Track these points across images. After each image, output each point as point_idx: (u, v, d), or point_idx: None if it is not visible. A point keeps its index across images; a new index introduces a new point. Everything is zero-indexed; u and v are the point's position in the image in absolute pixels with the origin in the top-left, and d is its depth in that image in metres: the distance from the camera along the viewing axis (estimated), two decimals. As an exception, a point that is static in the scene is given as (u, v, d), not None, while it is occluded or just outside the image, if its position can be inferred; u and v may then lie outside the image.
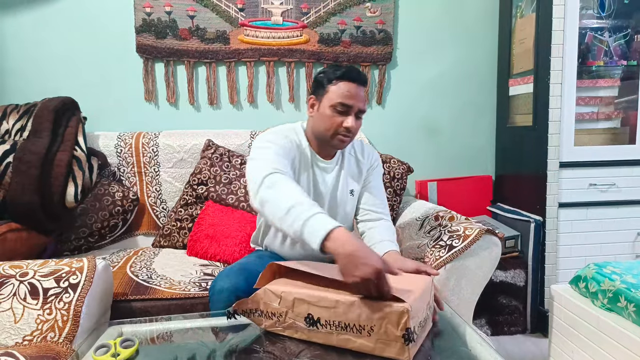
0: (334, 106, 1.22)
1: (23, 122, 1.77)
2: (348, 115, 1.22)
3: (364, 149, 1.44)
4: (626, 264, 1.43)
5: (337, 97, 1.21)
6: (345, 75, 1.22)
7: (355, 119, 1.25)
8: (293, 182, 1.07)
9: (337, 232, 0.91)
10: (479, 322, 1.95)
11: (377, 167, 1.44)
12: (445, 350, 0.93)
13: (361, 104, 1.24)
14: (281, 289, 0.93)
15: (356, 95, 1.22)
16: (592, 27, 2.03)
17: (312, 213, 0.96)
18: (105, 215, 1.82)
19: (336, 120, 1.22)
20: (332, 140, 1.26)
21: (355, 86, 1.22)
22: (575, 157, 1.93)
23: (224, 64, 2.17)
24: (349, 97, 1.21)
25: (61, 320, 1.07)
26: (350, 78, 1.22)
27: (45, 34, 2.06)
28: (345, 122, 1.22)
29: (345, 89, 1.21)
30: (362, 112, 1.27)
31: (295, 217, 0.97)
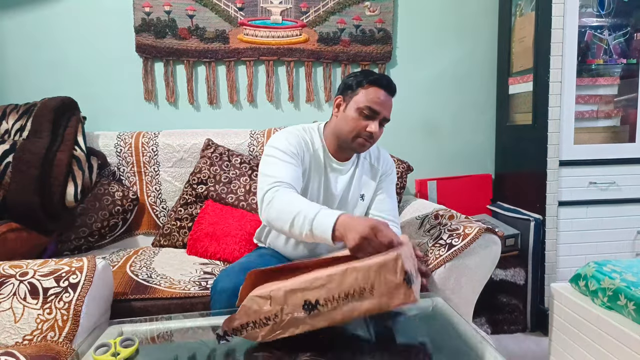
0: (361, 109, 1.23)
1: (23, 122, 1.77)
2: (373, 120, 1.23)
3: (380, 155, 1.45)
4: (626, 262, 1.43)
5: (366, 101, 1.22)
6: (378, 81, 1.23)
7: (381, 125, 1.26)
8: (289, 191, 1.12)
9: (340, 220, 0.99)
10: (479, 320, 1.95)
11: (390, 174, 1.44)
12: (445, 349, 0.93)
13: (387, 113, 1.25)
14: (268, 290, 0.90)
15: (384, 103, 1.23)
16: (592, 26, 2.03)
17: (314, 214, 1.02)
18: (105, 214, 1.82)
19: (361, 124, 1.23)
20: (353, 143, 1.27)
21: (385, 94, 1.23)
22: (575, 156, 1.93)
23: (223, 64, 2.17)
24: (377, 103, 1.22)
25: (61, 320, 1.07)
26: (381, 85, 1.23)
27: (45, 34, 2.06)
28: (370, 126, 1.23)
29: (375, 94, 1.22)
30: (386, 121, 1.27)
31: (301, 225, 1.04)
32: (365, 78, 1.23)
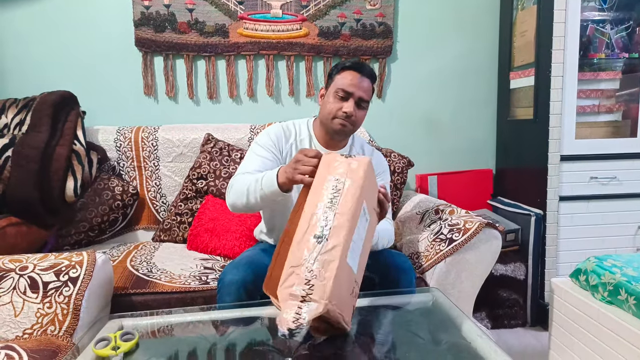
0: (336, 92, 1.30)
1: (22, 116, 1.77)
2: (346, 102, 1.29)
3: (373, 153, 1.49)
4: (627, 257, 1.43)
5: (340, 85, 1.30)
6: (351, 66, 1.30)
7: (358, 108, 1.30)
8: (244, 176, 1.22)
9: (280, 170, 1.11)
10: (479, 315, 1.95)
11: (383, 172, 1.46)
12: (445, 343, 0.93)
13: (362, 93, 1.30)
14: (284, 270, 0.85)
15: (358, 84, 1.29)
16: (594, 20, 2.01)
17: (261, 177, 1.15)
18: (105, 209, 1.82)
19: (336, 105, 1.30)
20: (332, 124, 1.32)
21: (359, 75, 1.29)
22: (576, 150, 1.92)
23: (223, 58, 2.16)
24: (349, 85, 1.28)
25: (61, 314, 1.07)
26: (353, 68, 1.30)
27: (44, 28, 2.05)
28: (345, 107, 1.28)
29: (348, 77, 1.29)
30: (364, 102, 1.31)
31: (254, 191, 1.16)
32: (341, 65, 1.32)
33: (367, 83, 1.31)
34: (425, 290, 1.36)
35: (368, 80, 1.32)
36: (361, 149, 1.47)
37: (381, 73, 2.27)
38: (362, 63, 1.32)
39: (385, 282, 1.24)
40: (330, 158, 0.98)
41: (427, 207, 1.74)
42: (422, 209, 1.76)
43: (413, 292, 1.24)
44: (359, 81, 1.29)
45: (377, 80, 2.26)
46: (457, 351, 0.91)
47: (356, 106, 1.30)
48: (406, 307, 1.15)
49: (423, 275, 1.51)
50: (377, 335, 0.94)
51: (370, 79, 1.33)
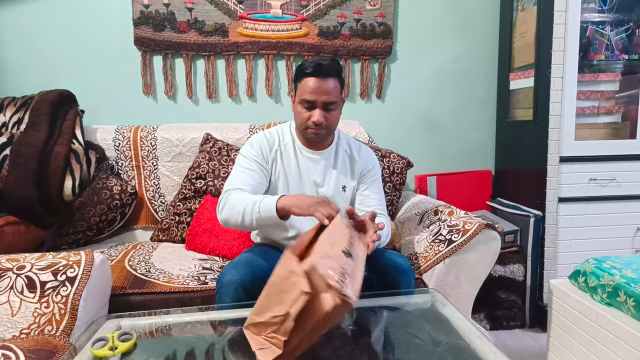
0: (301, 102, 1.27)
1: (20, 115, 1.76)
2: (314, 109, 1.26)
3: (360, 149, 1.46)
4: (626, 259, 1.42)
5: (302, 94, 1.26)
6: (307, 71, 1.24)
7: (326, 111, 1.27)
8: (238, 192, 1.24)
9: (283, 198, 1.14)
10: (477, 316, 1.95)
11: (373, 169, 1.44)
12: (444, 344, 0.93)
13: (325, 97, 1.25)
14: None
15: (318, 89, 1.24)
16: (594, 21, 2.01)
17: (260, 200, 1.17)
18: (104, 209, 1.81)
19: (304, 115, 1.28)
20: (306, 133, 1.32)
21: (318, 80, 1.24)
22: (576, 152, 1.92)
23: (222, 57, 2.16)
24: (309, 93, 1.25)
25: (59, 314, 1.07)
26: (312, 73, 1.24)
27: (43, 27, 2.04)
28: (312, 116, 1.26)
29: (306, 85, 1.25)
30: (332, 104, 1.28)
31: (250, 212, 1.18)
32: (300, 71, 1.27)
33: (331, 84, 1.25)
34: (424, 291, 1.36)
35: (332, 79, 1.26)
36: (347, 145, 1.45)
37: (381, 73, 2.26)
38: (321, 64, 1.24)
39: (385, 283, 1.24)
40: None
41: (426, 208, 1.74)
42: (421, 210, 1.75)
43: (412, 294, 1.24)
44: (320, 86, 1.24)
45: (377, 81, 2.27)
46: (456, 352, 0.91)
47: (325, 111, 1.27)
48: (405, 308, 1.15)
49: (422, 276, 1.51)
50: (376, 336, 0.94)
51: (334, 77, 1.27)
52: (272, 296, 0.83)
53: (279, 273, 0.84)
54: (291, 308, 0.78)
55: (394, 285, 1.23)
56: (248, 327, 0.85)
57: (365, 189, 1.42)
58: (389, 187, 1.94)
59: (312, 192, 1.37)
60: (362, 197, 1.41)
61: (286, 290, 0.80)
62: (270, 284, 0.85)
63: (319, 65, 1.24)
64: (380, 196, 1.44)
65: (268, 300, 0.84)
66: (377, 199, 1.42)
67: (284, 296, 0.80)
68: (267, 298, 0.84)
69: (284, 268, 0.84)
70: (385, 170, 1.94)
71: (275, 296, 0.82)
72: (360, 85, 2.26)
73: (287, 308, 0.78)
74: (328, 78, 1.25)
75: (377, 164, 1.48)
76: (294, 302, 0.78)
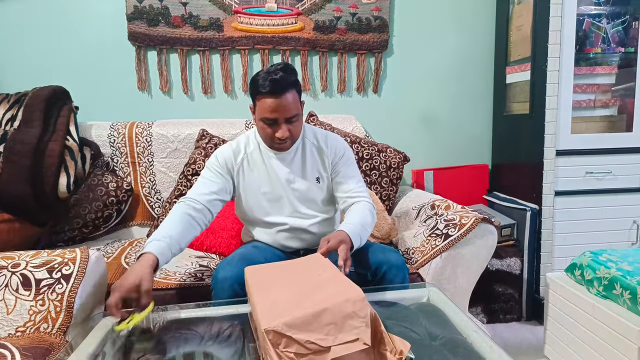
0: (262, 120, 1.25)
1: (13, 111, 1.75)
2: (277, 126, 1.25)
3: (327, 138, 1.43)
4: (622, 252, 1.43)
5: (262, 112, 1.24)
6: (265, 89, 1.20)
7: (289, 124, 1.25)
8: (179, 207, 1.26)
9: (143, 257, 1.09)
10: (474, 310, 1.96)
11: (343, 156, 1.41)
12: (441, 338, 0.93)
13: (287, 113, 1.23)
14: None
15: (278, 108, 1.21)
16: (590, 14, 2.01)
17: (150, 239, 1.15)
18: (99, 205, 1.81)
19: (268, 131, 1.27)
20: (273, 147, 1.32)
21: (275, 99, 1.20)
22: (572, 145, 1.92)
23: (217, 52, 2.14)
24: (270, 111, 1.22)
25: (54, 311, 1.06)
26: (268, 92, 1.20)
27: (36, 23, 2.02)
28: (277, 132, 1.25)
29: (266, 104, 1.21)
30: (293, 117, 1.25)
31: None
32: (255, 89, 1.22)
33: (289, 98, 1.22)
34: (421, 285, 1.36)
35: (289, 93, 1.22)
36: (314, 137, 1.41)
37: (377, 68, 2.25)
38: (276, 81, 1.19)
39: (378, 279, 1.24)
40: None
41: (423, 203, 1.74)
42: (418, 205, 1.75)
43: (406, 289, 1.24)
44: (279, 104, 1.20)
45: (373, 75, 2.26)
46: (452, 346, 0.91)
47: (288, 124, 1.25)
48: (401, 303, 1.15)
49: (419, 271, 1.51)
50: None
51: (292, 89, 1.23)
52: (320, 319, 0.76)
53: (338, 302, 0.78)
54: (336, 347, 0.74)
55: (387, 282, 1.22)
56: (269, 332, 0.74)
57: (340, 176, 1.40)
58: (385, 181, 1.93)
59: (286, 190, 1.37)
60: (338, 185, 1.40)
61: (340, 326, 0.76)
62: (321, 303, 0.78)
63: (273, 82, 1.19)
64: (357, 179, 1.41)
65: (313, 320, 0.76)
66: (354, 181, 1.39)
67: (332, 329, 0.75)
68: (312, 317, 0.76)
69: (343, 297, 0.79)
70: (382, 165, 1.94)
71: (324, 325, 0.76)
72: (356, 79, 2.25)
73: (331, 343, 0.74)
74: (285, 93, 1.21)
75: (347, 148, 1.44)
76: (342, 342, 0.74)
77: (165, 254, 1.12)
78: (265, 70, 1.23)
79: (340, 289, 0.84)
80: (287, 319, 0.74)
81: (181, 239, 1.19)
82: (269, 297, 0.85)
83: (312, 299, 0.81)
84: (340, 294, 0.81)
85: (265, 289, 0.89)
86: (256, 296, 0.86)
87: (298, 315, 0.75)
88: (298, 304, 0.80)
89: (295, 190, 1.37)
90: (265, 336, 0.73)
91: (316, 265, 0.99)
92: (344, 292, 0.82)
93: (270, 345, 0.74)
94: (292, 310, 0.77)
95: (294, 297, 0.83)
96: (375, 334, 0.81)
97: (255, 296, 0.87)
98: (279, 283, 0.91)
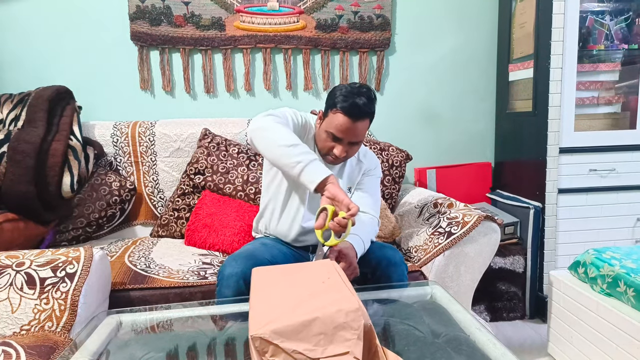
0: (328, 132, 1.25)
1: (17, 111, 1.75)
2: (339, 144, 1.25)
3: (367, 153, 1.47)
4: (625, 249, 1.43)
5: (330, 127, 1.24)
6: (345, 109, 1.20)
7: (350, 146, 1.26)
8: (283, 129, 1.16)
9: (330, 179, 1.07)
10: (478, 308, 1.95)
11: (374, 170, 1.45)
12: (444, 336, 0.93)
13: (354, 137, 1.24)
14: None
15: (348, 130, 1.22)
16: (593, 11, 2.00)
17: (307, 160, 1.09)
18: (103, 205, 1.81)
19: (328, 144, 1.27)
20: (325, 158, 1.32)
21: (351, 122, 1.21)
22: (575, 143, 1.91)
23: (220, 52, 2.14)
24: (340, 131, 1.23)
25: (58, 310, 1.07)
26: (348, 113, 1.20)
27: (38, 23, 2.02)
28: (335, 148, 1.26)
29: (340, 121, 1.22)
30: (357, 143, 1.27)
31: (287, 160, 1.10)
32: (339, 102, 1.21)
33: (361, 126, 1.23)
34: (424, 283, 1.36)
35: (365, 121, 1.23)
36: (356, 157, 1.43)
37: (379, 66, 2.25)
38: (359, 106, 1.20)
39: (377, 277, 1.24)
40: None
41: (425, 201, 1.74)
42: (421, 203, 1.75)
43: (405, 286, 1.24)
44: (350, 127, 1.21)
45: (375, 73, 2.26)
46: (456, 344, 0.91)
47: (348, 146, 1.26)
48: (405, 301, 1.15)
49: (422, 269, 1.51)
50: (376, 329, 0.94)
51: (367, 118, 1.24)
52: (309, 329, 0.73)
53: (330, 312, 0.75)
54: (325, 359, 0.71)
55: (386, 279, 1.23)
56: (256, 339, 0.71)
57: (362, 189, 1.42)
58: (388, 180, 1.93)
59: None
60: (359, 196, 1.41)
61: (330, 337, 0.73)
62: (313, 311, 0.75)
63: (355, 106, 1.19)
64: (375, 197, 1.42)
65: (302, 329, 0.73)
66: (371, 197, 1.40)
67: (322, 339, 0.73)
68: (301, 326, 0.73)
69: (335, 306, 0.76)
70: (385, 164, 1.93)
71: (314, 335, 0.73)
72: (358, 78, 2.25)
73: (320, 355, 0.72)
74: (362, 120, 1.22)
75: (379, 167, 1.49)
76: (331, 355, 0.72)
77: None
78: (352, 89, 1.23)
79: (337, 298, 0.81)
80: (275, 327, 0.72)
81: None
82: (265, 302, 0.83)
83: (306, 307, 0.78)
84: (334, 303, 0.78)
85: (264, 293, 0.87)
86: (253, 299, 0.85)
87: (287, 323, 0.73)
88: (290, 311, 0.76)
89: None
90: (252, 343, 0.71)
91: (324, 271, 0.95)
92: (338, 301, 0.79)
93: (255, 353, 0.71)
94: (282, 318, 0.74)
95: (289, 303, 0.80)
96: (369, 347, 0.78)
97: (252, 299, 0.85)
98: (280, 287, 0.89)
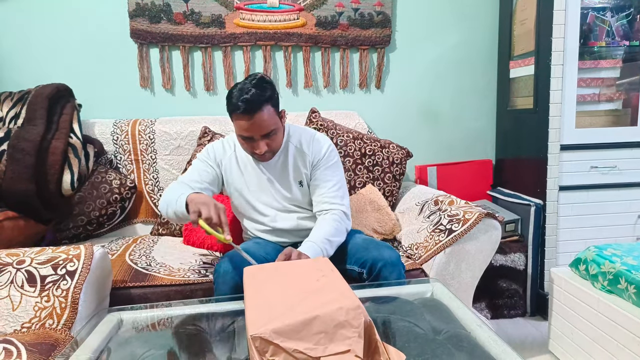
0: (239, 136, 1.28)
1: (17, 109, 1.75)
2: (254, 142, 1.26)
3: (311, 141, 1.41)
4: (627, 246, 1.42)
5: (239, 131, 1.26)
6: (238, 109, 1.20)
7: (268, 138, 1.26)
8: (178, 184, 1.30)
9: (189, 198, 1.17)
10: (478, 305, 1.95)
11: (323, 158, 1.39)
12: (445, 333, 0.93)
13: (263, 130, 1.24)
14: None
15: (252, 127, 1.22)
16: (594, 7, 1.99)
17: (183, 194, 1.20)
18: (103, 203, 1.81)
19: (247, 147, 1.29)
20: (254, 159, 1.36)
21: (249, 118, 1.21)
22: (576, 140, 1.91)
23: (220, 49, 2.14)
24: (246, 130, 1.24)
25: (59, 307, 1.07)
26: (242, 112, 1.20)
27: (38, 20, 2.02)
28: (255, 148, 1.27)
29: (240, 123, 1.23)
30: (271, 132, 1.26)
31: (175, 203, 1.21)
32: (231, 106, 1.22)
33: (264, 115, 1.21)
34: (425, 281, 1.36)
35: (264, 110, 1.21)
36: (298, 140, 1.40)
37: (380, 63, 2.25)
38: (248, 101, 1.18)
39: (374, 277, 1.24)
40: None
41: (426, 198, 1.74)
42: (422, 200, 1.75)
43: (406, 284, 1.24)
44: (254, 123, 1.21)
45: (376, 71, 2.25)
46: (456, 341, 0.90)
47: (266, 139, 1.25)
48: (406, 298, 1.15)
49: (422, 266, 1.51)
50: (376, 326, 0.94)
51: (266, 105, 1.21)
52: (310, 327, 0.73)
53: (330, 310, 0.74)
54: (326, 357, 0.71)
55: (382, 279, 1.22)
56: (256, 339, 0.71)
57: (316, 179, 1.39)
58: (388, 177, 1.93)
59: (271, 191, 1.40)
60: (313, 188, 1.40)
61: (331, 335, 0.73)
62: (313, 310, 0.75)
63: (246, 102, 1.18)
64: (333, 183, 1.37)
65: (302, 328, 0.73)
66: (328, 186, 1.37)
67: (322, 338, 0.72)
68: (301, 325, 0.73)
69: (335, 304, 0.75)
70: (385, 161, 1.93)
71: (314, 333, 0.73)
72: (359, 75, 2.25)
73: (321, 354, 0.71)
74: (259, 112, 1.20)
75: (331, 150, 1.41)
76: (332, 353, 0.72)
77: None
78: (239, 88, 1.23)
79: (335, 296, 0.80)
80: (275, 326, 0.72)
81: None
82: (261, 301, 0.82)
83: (304, 305, 0.78)
84: (334, 302, 0.77)
85: (259, 292, 0.86)
86: (249, 299, 0.85)
87: (287, 323, 0.72)
88: (289, 310, 0.76)
89: (278, 191, 1.40)
90: (252, 343, 0.71)
91: (317, 268, 0.96)
92: (338, 299, 0.79)
93: (256, 353, 0.71)
94: (282, 317, 0.74)
95: (287, 302, 0.80)
96: (369, 343, 0.78)
97: (247, 299, 0.85)
98: (275, 286, 0.89)
